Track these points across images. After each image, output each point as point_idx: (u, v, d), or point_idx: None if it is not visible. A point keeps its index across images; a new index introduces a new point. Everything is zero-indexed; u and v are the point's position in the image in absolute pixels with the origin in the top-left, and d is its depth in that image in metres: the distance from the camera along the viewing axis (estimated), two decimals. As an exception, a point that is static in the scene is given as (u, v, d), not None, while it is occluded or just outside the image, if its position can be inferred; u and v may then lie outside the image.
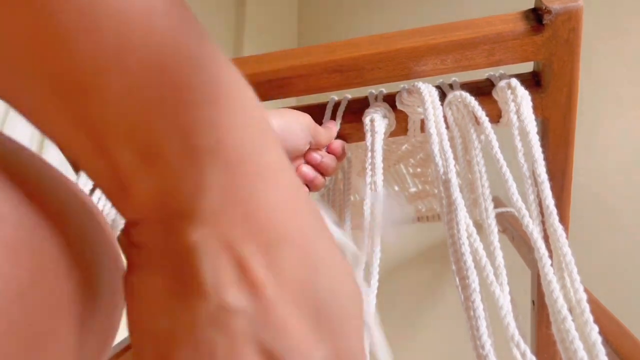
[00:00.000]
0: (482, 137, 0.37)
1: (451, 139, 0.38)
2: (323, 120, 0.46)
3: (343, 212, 0.48)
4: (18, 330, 0.16)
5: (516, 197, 0.33)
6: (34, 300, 0.16)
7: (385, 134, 0.42)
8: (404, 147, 0.58)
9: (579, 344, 0.27)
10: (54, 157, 0.85)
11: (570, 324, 0.28)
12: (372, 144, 0.40)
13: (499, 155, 0.35)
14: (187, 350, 0.14)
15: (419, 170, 0.67)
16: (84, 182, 0.43)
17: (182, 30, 0.14)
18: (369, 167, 0.38)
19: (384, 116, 0.42)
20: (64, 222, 0.19)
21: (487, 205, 0.35)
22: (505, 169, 0.34)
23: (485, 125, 0.37)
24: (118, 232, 0.43)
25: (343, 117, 0.46)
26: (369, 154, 0.39)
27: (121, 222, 0.43)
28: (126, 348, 0.56)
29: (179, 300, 0.15)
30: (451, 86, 0.43)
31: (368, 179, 0.37)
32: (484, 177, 0.36)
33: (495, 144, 0.36)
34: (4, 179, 0.16)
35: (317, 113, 0.46)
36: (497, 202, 0.91)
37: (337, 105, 0.47)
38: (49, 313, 0.17)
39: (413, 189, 0.74)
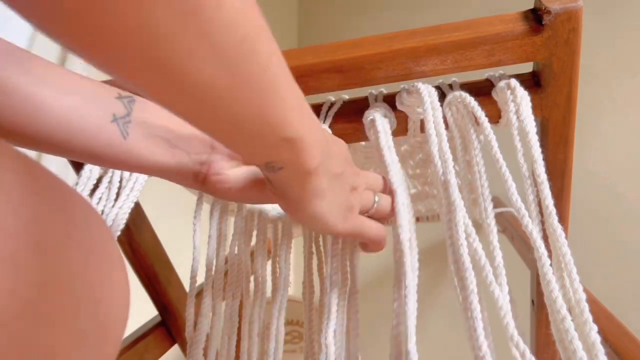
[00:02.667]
0: (482, 137, 0.38)
1: (451, 139, 0.38)
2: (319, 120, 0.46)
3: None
4: (20, 345, 0.16)
5: (516, 197, 0.34)
6: (36, 316, 0.16)
7: (391, 131, 0.42)
8: (403, 148, 0.59)
9: (578, 344, 0.27)
10: (53, 162, 0.85)
11: (569, 324, 0.28)
12: (382, 142, 0.39)
13: (499, 156, 0.35)
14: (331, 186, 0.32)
15: (418, 171, 0.67)
16: (84, 182, 0.43)
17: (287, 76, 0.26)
18: (388, 165, 0.38)
19: (384, 116, 0.42)
20: (68, 236, 0.18)
21: (487, 205, 0.35)
22: (504, 169, 0.34)
23: (484, 125, 0.37)
24: (119, 233, 0.43)
25: (344, 117, 0.46)
26: (384, 153, 0.39)
27: (121, 223, 0.43)
28: (126, 348, 0.56)
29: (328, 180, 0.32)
30: (451, 86, 0.43)
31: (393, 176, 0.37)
32: (483, 177, 0.36)
33: (495, 144, 0.36)
34: (8, 192, 0.16)
35: (316, 113, 0.46)
36: (497, 202, 0.91)
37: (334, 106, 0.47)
38: (52, 329, 0.17)
39: (412, 190, 0.74)
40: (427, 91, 0.39)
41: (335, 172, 0.32)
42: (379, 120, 0.40)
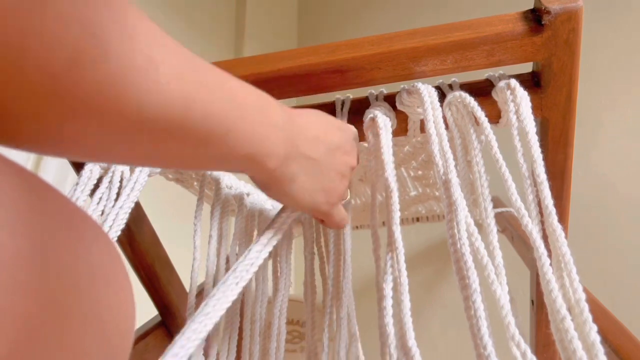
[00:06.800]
0: (482, 137, 0.38)
1: (451, 140, 0.38)
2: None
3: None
4: None
5: (515, 197, 0.34)
6: (42, 339, 0.16)
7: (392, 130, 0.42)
8: (405, 149, 0.58)
9: (577, 344, 0.27)
10: (53, 163, 0.85)
11: (569, 324, 0.28)
12: (381, 140, 0.39)
13: (499, 156, 0.35)
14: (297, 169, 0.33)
15: (420, 173, 0.67)
16: (84, 182, 0.43)
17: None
18: (385, 165, 0.37)
19: (385, 115, 0.43)
20: (75, 256, 0.18)
21: (487, 205, 0.35)
22: (504, 169, 0.34)
23: (484, 125, 0.37)
24: (119, 233, 0.43)
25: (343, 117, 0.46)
26: (382, 150, 0.39)
27: (121, 223, 0.43)
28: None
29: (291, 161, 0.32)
30: (451, 86, 0.44)
31: (386, 175, 0.36)
32: (483, 177, 0.36)
33: (495, 144, 0.36)
34: (11, 212, 0.16)
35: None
36: (497, 202, 0.91)
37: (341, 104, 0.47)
38: (58, 352, 0.17)
39: (413, 193, 0.74)
40: (427, 91, 0.39)
41: (310, 156, 0.33)
42: (380, 118, 0.40)
